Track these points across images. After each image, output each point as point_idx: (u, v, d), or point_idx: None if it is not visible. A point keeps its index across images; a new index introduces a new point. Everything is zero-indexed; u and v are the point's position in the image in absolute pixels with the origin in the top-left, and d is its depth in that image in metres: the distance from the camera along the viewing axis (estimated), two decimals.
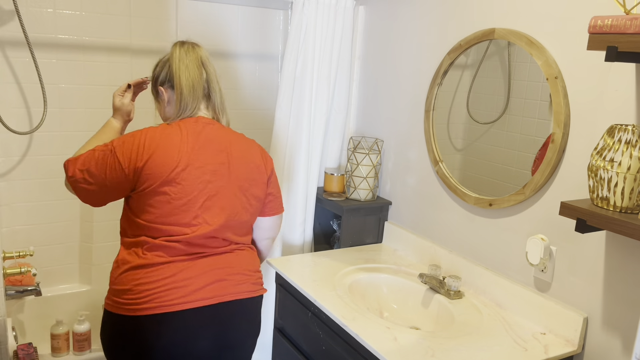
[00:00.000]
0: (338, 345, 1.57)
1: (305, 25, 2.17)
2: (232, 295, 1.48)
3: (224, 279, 1.48)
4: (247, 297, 1.51)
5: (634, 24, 1.09)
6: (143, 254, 1.43)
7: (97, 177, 1.43)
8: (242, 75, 2.60)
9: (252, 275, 1.55)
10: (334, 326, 1.59)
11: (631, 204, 1.20)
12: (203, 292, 1.44)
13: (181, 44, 1.56)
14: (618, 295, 1.39)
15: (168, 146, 1.43)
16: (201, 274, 1.45)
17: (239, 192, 1.52)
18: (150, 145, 1.42)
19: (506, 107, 1.68)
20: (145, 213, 1.43)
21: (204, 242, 1.47)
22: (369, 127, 2.33)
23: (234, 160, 1.52)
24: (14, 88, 2.13)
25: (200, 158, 1.46)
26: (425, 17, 1.98)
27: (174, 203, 1.42)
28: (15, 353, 1.89)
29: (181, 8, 2.39)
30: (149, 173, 1.40)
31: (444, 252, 1.92)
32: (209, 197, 1.46)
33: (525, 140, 1.63)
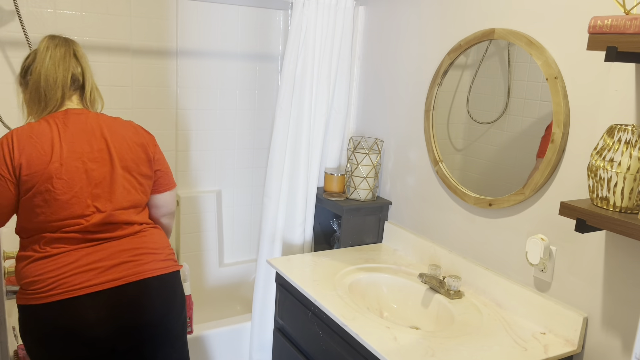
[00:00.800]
0: (338, 345, 1.58)
1: (305, 25, 2.17)
2: (138, 275, 1.49)
3: (129, 261, 1.49)
4: (155, 275, 1.52)
5: (634, 24, 1.09)
6: (41, 248, 1.46)
7: None
8: (242, 75, 2.60)
9: (159, 254, 1.56)
10: (334, 326, 1.59)
11: (631, 204, 1.21)
12: (108, 274, 1.45)
13: (51, 37, 1.54)
14: (618, 295, 1.39)
15: (39, 143, 1.42)
16: (105, 258, 1.47)
17: (126, 174, 1.53)
18: (19, 146, 1.41)
19: (506, 107, 1.68)
20: (37, 215, 1.44)
21: (101, 228, 1.48)
22: (369, 127, 2.33)
23: (114, 143, 1.52)
24: (14, 88, 2.14)
25: (76, 149, 1.46)
26: (425, 17, 1.98)
27: (61, 199, 1.43)
28: (15, 353, 1.89)
29: (181, 8, 2.39)
30: (27, 174, 1.41)
31: (444, 252, 1.92)
32: (95, 185, 1.47)
33: (525, 140, 1.63)
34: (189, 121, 2.53)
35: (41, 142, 1.43)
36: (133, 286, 1.48)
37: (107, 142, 1.51)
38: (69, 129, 1.48)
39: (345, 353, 1.54)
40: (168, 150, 2.51)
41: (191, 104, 2.52)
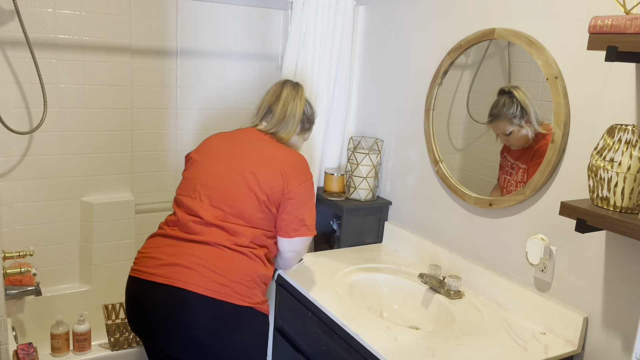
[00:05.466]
0: (338, 345, 1.57)
1: (305, 25, 2.17)
2: (181, 283, 1.51)
3: (188, 267, 1.53)
4: (196, 292, 1.50)
5: (634, 24, 1.09)
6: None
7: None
8: (242, 75, 2.60)
9: (225, 278, 1.53)
10: (334, 326, 1.59)
11: (631, 204, 1.20)
12: (163, 269, 1.54)
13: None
14: (618, 295, 1.39)
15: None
16: (174, 254, 1.56)
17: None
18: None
19: None
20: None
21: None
22: (369, 127, 2.33)
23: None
24: (14, 88, 2.13)
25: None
26: (426, 17, 1.98)
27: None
28: (15, 353, 1.89)
29: (181, 8, 2.39)
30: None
31: (444, 252, 1.92)
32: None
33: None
34: (189, 121, 2.53)
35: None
36: (176, 291, 1.51)
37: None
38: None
39: (345, 353, 1.54)
40: (168, 150, 2.51)
41: (191, 104, 2.52)
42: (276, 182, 1.63)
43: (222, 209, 1.61)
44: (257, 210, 1.62)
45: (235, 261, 1.56)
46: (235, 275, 1.53)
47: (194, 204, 1.63)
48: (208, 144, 1.78)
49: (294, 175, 1.66)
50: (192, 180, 1.68)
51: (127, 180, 2.45)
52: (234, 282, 1.53)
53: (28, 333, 2.26)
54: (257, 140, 1.73)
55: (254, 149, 1.69)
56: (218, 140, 1.77)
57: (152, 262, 1.58)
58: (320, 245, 2.44)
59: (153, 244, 1.64)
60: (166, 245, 1.60)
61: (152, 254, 1.60)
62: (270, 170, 1.64)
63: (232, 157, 1.68)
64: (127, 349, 2.12)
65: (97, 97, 2.30)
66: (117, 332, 2.10)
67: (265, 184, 1.62)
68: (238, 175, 1.63)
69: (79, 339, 2.06)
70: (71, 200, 2.34)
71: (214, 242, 1.57)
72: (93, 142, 2.33)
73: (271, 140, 1.74)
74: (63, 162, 2.29)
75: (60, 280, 2.38)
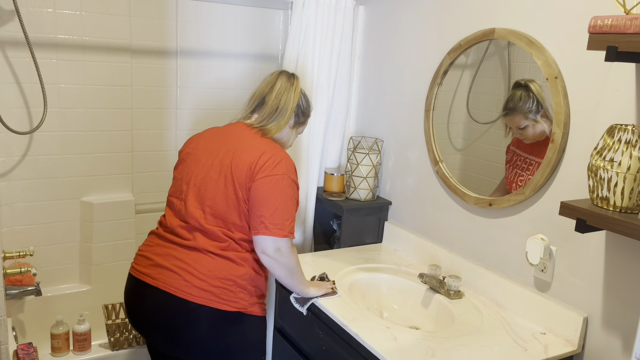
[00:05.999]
0: (338, 345, 1.57)
1: (305, 25, 2.17)
2: (165, 286, 1.54)
3: (171, 270, 1.55)
4: (177, 295, 1.52)
5: (634, 24, 1.09)
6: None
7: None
8: (242, 75, 2.60)
9: (206, 282, 1.53)
10: (334, 326, 1.59)
11: (631, 204, 1.20)
12: (151, 270, 1.58)
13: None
14: (618, 295, 1.39)
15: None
16: (162, 255, 1.59)
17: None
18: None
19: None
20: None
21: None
22: (369, 127, 2.33)
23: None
24: (14, 88, 2.13)
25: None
26: (426, 17, 1.98)
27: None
28: (15, 353, 1.89)
29: (181, 8, 2.39)
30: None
31: (444, 252, 1.92)
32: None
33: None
34: (189, 121, 2.52)
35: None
36: (160, 293, 1.55)
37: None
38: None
39: (345, 353, 1.54)
40: (168, 150, 2.51)
41: (191, 104, 2.52)
42: (244, 170, 1.53)
43: (203, 209, 1.58)
44: (234, 208, 1.55)
45: (218, 266, 1.55)
46: (215, 280, 1.53)
47: (180, 205, 1.63)
48: (195, 141, 1.73)
49: (261, 168, 1.52)
50: (179, 181, 1.67)
51: (127, 180, 2.45)
52: (215, 287, 1.53)
53: (28, 333, 2.26)
54: (241, 136, 1.64)
55: (236, 145, 1.60)
56: (205, 138, 1.71)
57: (145, 262, 1.62)
58: (320, 245, 2.44)
59: (148, 242, 1.68)
60: (157, 245, 1.64)
61: (145, 253, 1.64)
62: (244, 165, 1.54)
63: (215, 155, 1.62)
64: (127, 349, 2.12)
65: (97, 97, 2.30)
66: (117, 332, 2.10)
67: (237, 179, 1.54)
68: (216, 173, 1.58)
69: (79, 339, 2.07)
70: (71, 200, 2.34)
71: (200, 248, 1.56)
72: (93, 142, 2.33)
73: (256, 135, 1.64)
74: (63, 162, 2.29)
75: (60, 280, 2.38)
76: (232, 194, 1.55)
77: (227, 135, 1.67)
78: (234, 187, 1.54)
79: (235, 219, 1.56)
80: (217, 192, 1.56)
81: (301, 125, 1.78)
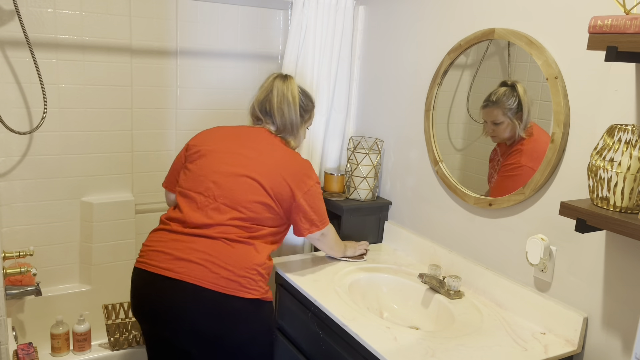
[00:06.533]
0: (338, 345, 1.57)
1: (305, 25, 2.17)
2: (192, 279, 1.55)
3: (196, 263, 1.56)
4: (207, 287, 1.54)
5: (634, 24, 1.09)
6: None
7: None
8: (242, 75, 2.60)
9: (232, 272, 1.56)
10: (334, 326, 1.59)
11: (631, 204, 1.20)
12: (172, 264, 1.57)
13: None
14: (618, 295, 1.39)
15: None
16: (181, 250, 1.59)
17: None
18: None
19: None
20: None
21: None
22: (369, 127, 2.33)
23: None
24: (14, 88, 2.13)
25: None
26: (425, 17, 1.98)
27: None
28: (15, 353, 1.89)
29: (181, 8, 2.39)
30: None
31: (444, 252, 1.92)
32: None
33: None
34: (189, 121, 2.53)
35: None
36: (181, 284, 1.55)
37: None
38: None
39: (345, 353, 1.54)
40: (168, 150, 2.51)
41: (191, 104, 2.52)
42: (284, 190, 1.67)
43: (235, 208, 1.63)
44: (266, 212, 1.66)
45: (240, 254, 1.59)
46: (241, 270, 1.57)
47: (205, 202, 1.64)
48: (216, 138, 1.76)
49: (299, 184, 1.69)
50: (202, 177, 1.68)
51: (127, 180, 2.45)
52: (241, 277, 1.57)
53: (28, 333, 2.26)
54: (267, 144, 1.73)
55: (265, 153, 1.70)
56: (227, 137, 1.76)
57: (161, 257, 1.60)
58: None
59: (158, 238, 1.66)
60: (172, 240, 1.62)
61: (159, 248, 1.62)
62: (278, 179, 1.66)
63: (243, 158, 1.68)
64: (127, 349, 2.12)
65: (97, 97, 2.30)
66: (117, 332, 2.10)
67: (272, 191, 1.65)
68: (248, 180, 1.64)
69: (79, 339, 2.07)
70: (71, 200, 2.34)
71: (220, 237, 1.59)
72: (93, 142, 2.33)
73: (280, 145, 1.75)
74: (63, 162, 2.29)
75: (60, 280, 2.38)
76: (269, 201, 1.65)
77: (253, 140, 1.74)
78: (269, 197, 1.65)
79: (265, 217, 1.66)
80: (251, 198, 1.63)
81: (306, 123, 1.88)
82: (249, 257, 1.60)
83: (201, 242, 1.59)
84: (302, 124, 1.84)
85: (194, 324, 1.56)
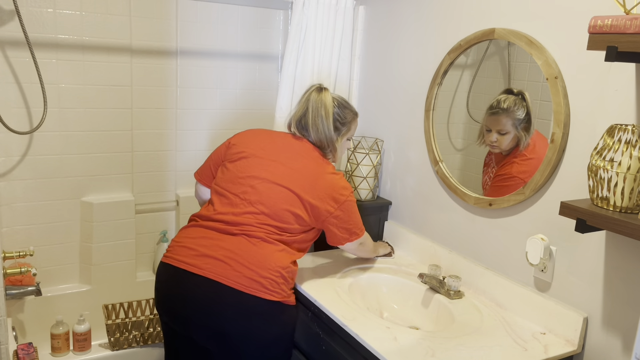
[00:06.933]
0: (338, 345, 1.57)
1: (305, 25, 2.17)
2: (215, 276, 1.55)
3: (221, 260, 1.57)
4: (228, 285, 1.54)
5: (634, 24, 1.09)
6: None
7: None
8: (242, 75, 2.60)
9: (256, 273, 1.56)
10: (334, 326, 1.59)
11: (631, 204, 1.20)
12: (197, 260, 1.58)
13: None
14: (618, 295, 1.39)
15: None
16: (207, 246, 1.60)
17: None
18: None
19: None
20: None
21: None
22: (369, 127, 2.33)
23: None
24: (14, 88, 2.13)
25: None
26: (426, 17, 1.98)
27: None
28: (15, 353, 1.89)
29: (181, 8, 2.39)
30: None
31: (444, 252, 1.92)
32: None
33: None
34: (189, 121, 2.53)
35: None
36: (209, 282, 1.56)
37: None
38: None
39: (345, 353, 1.54)
40: (168, 150, 2.51)
41: (191, 104, 2.52)
42: (321, 204, 1.66)
43: (269, 215, 1.64)
44: (297, 223, 1.66)
45: (265, 255, 1.59)
46: (265, 271, 1.57)
47: (240, 203, 1.65)
48: (260, 142, 1.76)
49: (336, 197, 1.68)
50: (242, 180, 1.68)
51: (127, 180, 2.45)
52: (264, 278, 1.57)
53: (28, 333, 2.26)
54: (308, 158, 1.72)
55: (304, 166, 1.69)
56: (271, 144, 1.75)
57: (187, 252, 1.61)
58: (320, 245, 2.43)
59: (187, 234, 1.67)
60: (201, 237, 1.63)
61: (187, 244, 1.63)
62: (316, 193, 1.66)
63: (285, 168, 1.68)
64: (127, 349, 2.12)
65: (97, 97, 2.30)
66: (117, 332, 2.10)
67: (309, 204, 1.65)
68: (287, 191, 1.65)
69: (79, 339, 2.07)
70: (71, 200, 2.34)
71: (246, 236, 1.60)
72: (93, 142, 2.33)
73: (319, 159, 1.74)
74: (63, 162, 2.29)
75: (60, 280, 2.38)
76: (304, 216, 1.66)
77: (296, 152, 1.73)
78: (305, 211, 1.66)
79: (297, 229, 1.67)
80: (286, 207, 1.64)
81: (345, 135, 1.83)
82: (274, 259, 1.60)
83: (228, 240, 1.60)
84: (339, 138, 1.80)
85: (213, 321, 1.56)
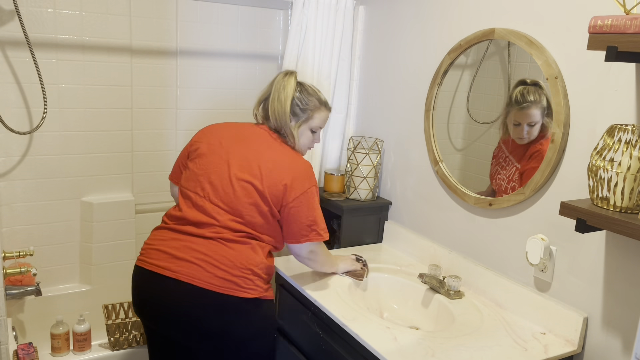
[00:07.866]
0: (338, 345, 1.57)
1: (305, 25, 2.17)
2: (187, 278, 1.56)
3: (192, 262, 1.57)
4: (201, 286, 1.55)
5: (634, 24, 1.09)
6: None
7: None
8: (242, 75, 2.60)
9: (227, 272, 1.57)
10: (334, 326, 1.59)
11: (631, 204, 1.20)
12: (169, 263, 1.58)
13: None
14: (618, 295, 1.39)
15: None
16: (179, 248, 1.60)
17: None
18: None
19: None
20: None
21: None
22: (369, 127, 2.33)
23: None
24: (14, 88, 2.13)
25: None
26: (426, 17, 1.98)
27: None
28: (15, 353, 1.89)
29: (181, 8, 2.39)
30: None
31: (444, 252, 1.92)
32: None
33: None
34: (189, 121, 2.53)
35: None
36: (181, 284, 1.56)
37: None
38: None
39: (345, 353, 1.54)
40: (168, 150, 2.51)
41: (191, 104, 2.52)
42: (278, 192, 1.62)
43: (229, 212, 1.62)
44: (261, 218, 1.64)
45: (237, 255, 1.59)
46: (236, 270, 1.58)
47: (202, 202, 1.64)
48: (215, 136, 1.73)
49: (295, 185, 1.62)
50: (200, 177, 1.67)
51: (127, 180, 2.45)
52: (236, 277, 1.57)
53: (28, 333, 2.26)
54: (266, 144, 1.69)
55: (263, 154, 1.65)
56: (228, 136, 1.71)
57: (159, 255, 1.61)
58: None
59: (159, 237, 1.67)
60: (171, 239, 1.64)
61: (158, 247, 1.64)
62: (275, 181, 1.62)
63: (242, 160, 1.64)
64: (127, 349, 2.12)
65: (97, 97, 2.30)
66: (117, 332, 2.09)
67: (269, 194, 1.62)
68: (246, 183, 1.62)
69: (79, 339, 2.06)
70: (71, 200, 2.34)
71: (218, 238, 1.60)
72: (93, 142, 2.33)
73: (280, 145, 1.70)
74: (63, 162, 2.29)
75: (60, 280, 2.38)
76: (263, 207, 1.63)
77: (252, 141, 1.70)
78: (264, 201, 1.62)
79: (260, 223, 1.64)
80: (246, 201, 1.62)
81: (305, 123, 1.73)
82: (245, 258, 1.60)
83: (198, 242, 1.60)
84: (297, 124, 1.72)
85: (192, 322, 1.57)
